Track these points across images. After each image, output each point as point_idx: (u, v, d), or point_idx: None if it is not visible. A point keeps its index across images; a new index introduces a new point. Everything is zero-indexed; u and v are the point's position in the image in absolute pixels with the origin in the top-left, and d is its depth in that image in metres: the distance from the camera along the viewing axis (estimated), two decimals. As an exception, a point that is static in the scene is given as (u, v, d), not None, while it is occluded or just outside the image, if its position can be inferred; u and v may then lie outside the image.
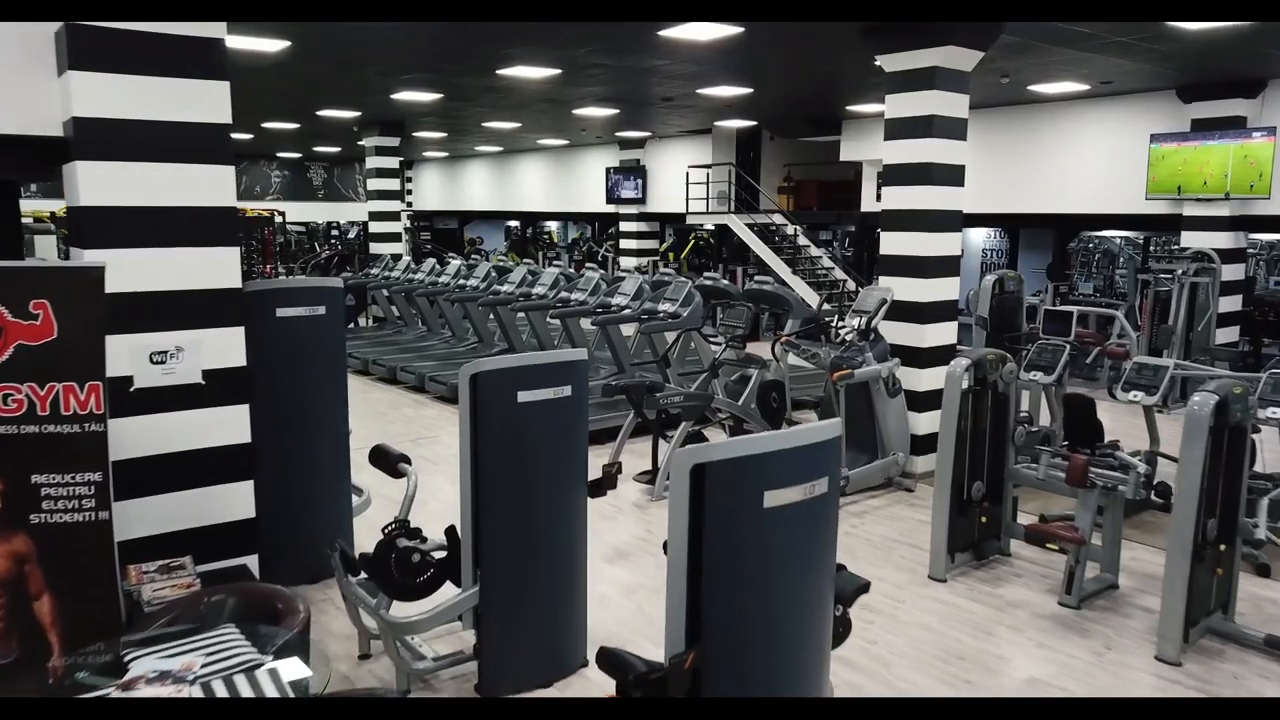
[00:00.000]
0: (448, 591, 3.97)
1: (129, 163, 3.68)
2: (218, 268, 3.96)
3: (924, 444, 7.12)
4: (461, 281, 12.14)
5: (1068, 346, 6.96)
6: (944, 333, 7.22)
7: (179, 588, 3.73)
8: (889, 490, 6.93)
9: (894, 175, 7.20)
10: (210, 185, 3.90)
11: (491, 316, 11.82)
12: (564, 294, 10.21)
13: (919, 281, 7.05)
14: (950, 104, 6.95)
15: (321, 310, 5.17)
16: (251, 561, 4.17)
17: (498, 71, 9.68)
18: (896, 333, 7.05)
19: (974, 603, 4.99)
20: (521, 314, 10.83)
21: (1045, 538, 4.94)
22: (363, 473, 5.03)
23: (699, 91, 11.02)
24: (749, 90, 10.91)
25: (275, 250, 20.14)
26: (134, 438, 3.80)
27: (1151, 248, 19.23)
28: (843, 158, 14.34)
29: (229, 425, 4.06)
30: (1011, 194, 12.25)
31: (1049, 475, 5.20)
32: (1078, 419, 5.62)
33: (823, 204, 16.51)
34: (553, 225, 28.12)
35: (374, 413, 9.61)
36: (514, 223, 26.08)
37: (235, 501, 4.11)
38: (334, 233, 24.28)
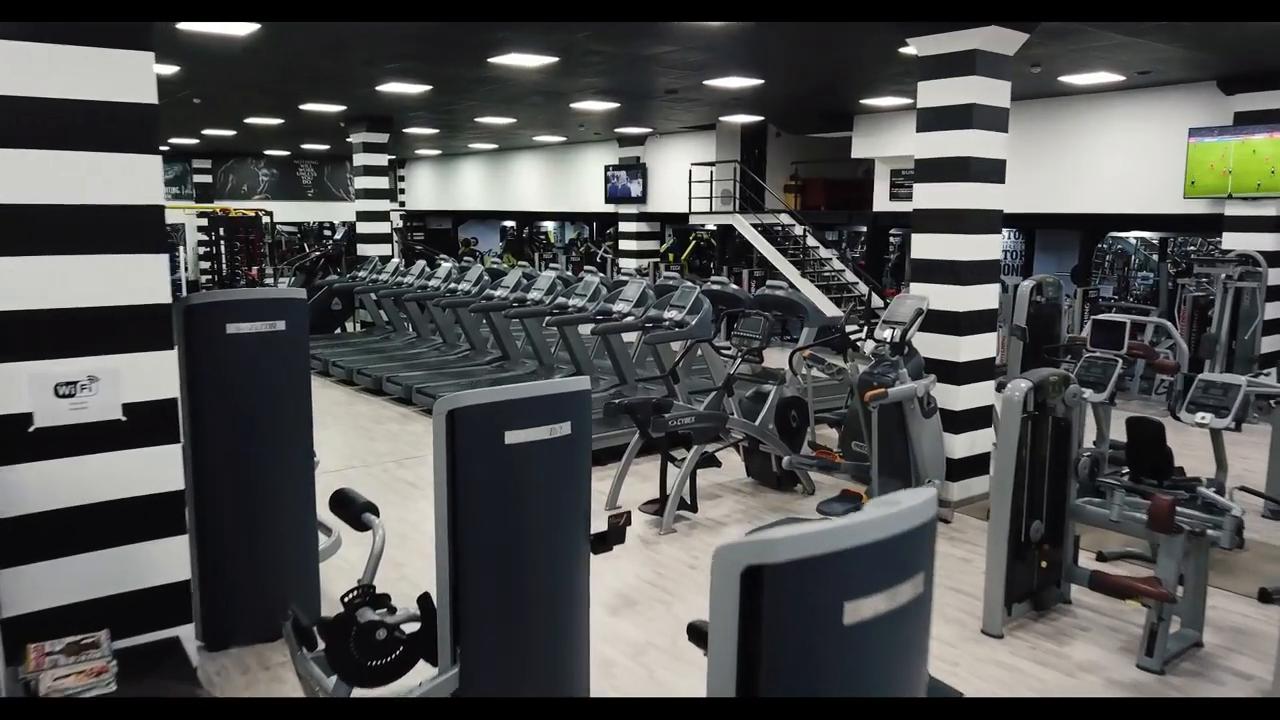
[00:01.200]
0: (422, 672, 3.28)
1: (18, 150, 2.98)
2: (141, 279, 3.26)
3: (961, 468, 6.44)
4: (453, 285, 11.44)
5: (1119, 361, 6.29)
6: (982, 345, 6.53)
7: (88, 674, 3.04)
8: (923, 521, 6.23)
9: (927, 171, 6.51)
10: (129, 178, 3.19)
11: (485, 323, 11.13)
12: (561, 299, 9.52)
13: (955, 289, 6.36)
14: (991, 92, 6.26)
15: (281, 325, 4.47)
16: (186, 632, 3.47)
17: (489, 60, 8.97)
18: (930, 345, 6.36)
19: (1040, 665, 4.30)
20: (516, 320, 10.15)
21: (1123, 592, 4.25)
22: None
23: (705, 83, 10.33)
24: (759, 82, 10.22)
25: (263, 252, 19.45)
26: (35, 488, 3.10)
27: (1169, 249, 18.60)
28: (855, 154, 13.66)
29: (156, 469, 3.35)
30: (1033, 193, 11.57)
31: (1124, 517, 4.50)
32: (1146, 447, 4.92)
33: (831, 203, 15.84)
34: (549, 225, 27.44)
35: (357, 428, 8.90)
36: (509, 223, 25.39)
37: (165, 561, 3.41)
38: (326, 233, 23.58)
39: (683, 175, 15.82)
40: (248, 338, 4.29)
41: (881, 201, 13.73)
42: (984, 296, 6.49)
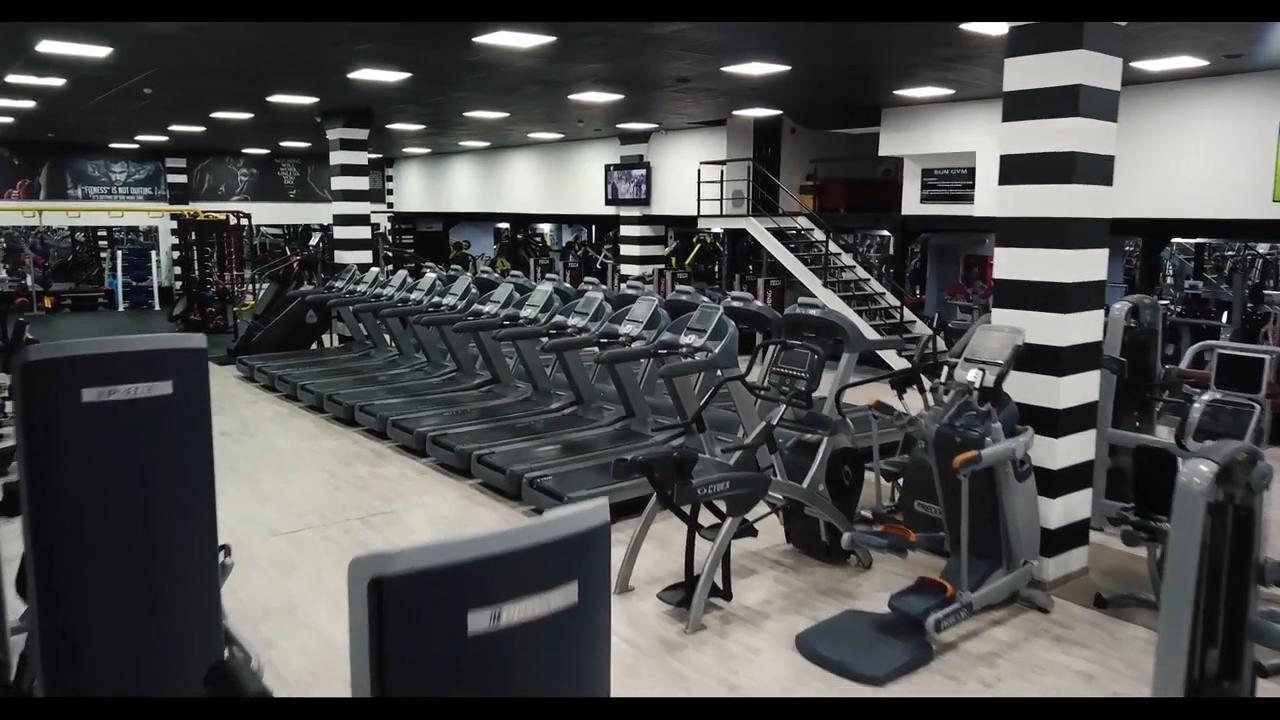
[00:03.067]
0: None
1: None
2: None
3: (1057, 540, 5.18)
4: (437, 299, 10.16)
5: (1258, 407, 5.03)
6: (1085, 387, 5.26)
7: None
8: (1014, 609, 4.96)
9: (1017, 170, 5.23)
10: None
11: (473, 342, 9.86)
12: (559, 318, 8.24)
13: (1053, 317, 5.09)
14: (1101, 70, 4.99)
15: (167, 388, 3.17)
16: None
17: (475, 40, 7.70)
18: (1022, 388, 5.08)
19: None
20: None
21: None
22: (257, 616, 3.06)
23: (724, 70, 9.05)
24: (784, 68, 8.94)
25: (240, 257, 18.14)
26: None
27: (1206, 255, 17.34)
28: (882, 152, 12.40)
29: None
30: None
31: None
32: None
33: (851, 205, 14.55)
34: (546, 228, 26.16)
35: (321, 471, 7.61)
36: (504, 225, 24.10)
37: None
38: (317, 233, 22.24)
39: (689, 175, 14.55)
40: (114, 408, 3.00)
41: (911, 204, 12.46)
42: (1088, 326, 5.21)
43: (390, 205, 24.17)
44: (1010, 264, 5.27)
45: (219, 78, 9.91)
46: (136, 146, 19.23)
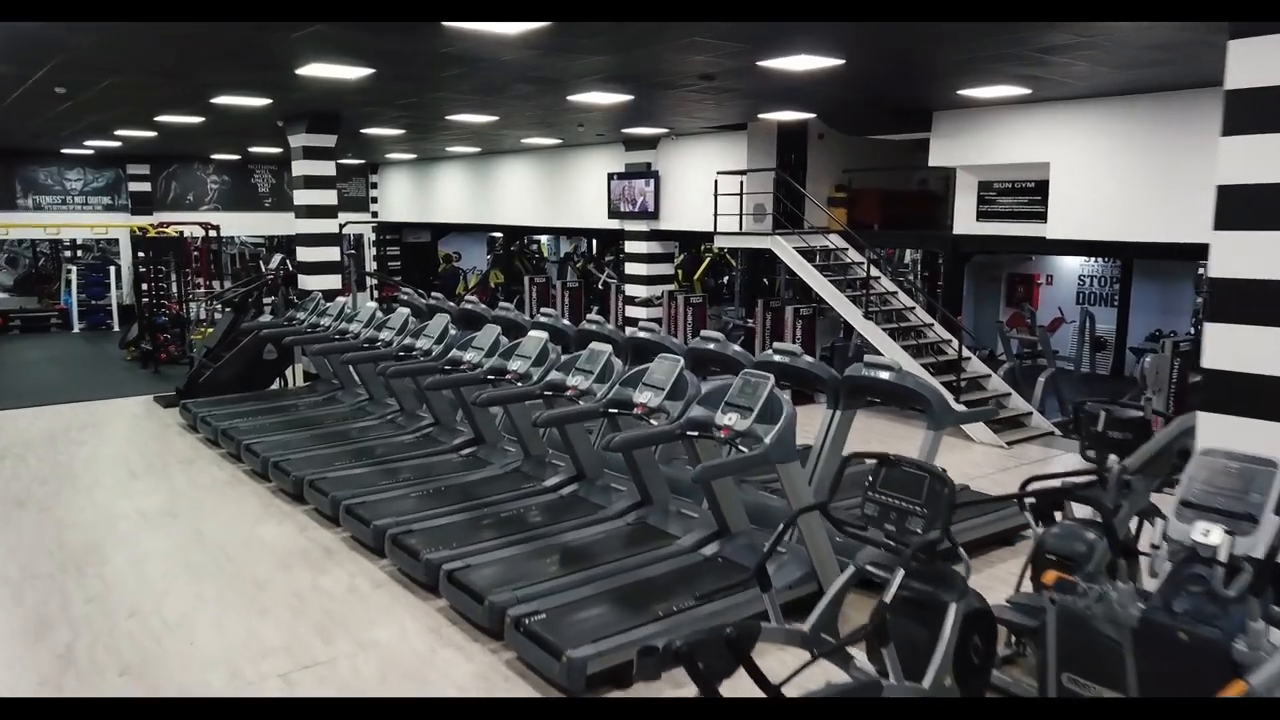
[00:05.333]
0: None
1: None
2: None
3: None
4: (410, 340, 8.42)
5: None
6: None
7: None
8: None
9: (1246, 207, 3.50)
10: None
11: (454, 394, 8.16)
12: (557, 376, 6.51)
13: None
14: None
15: None
16: None
17: (445, 25, 5.97)
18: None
19: None
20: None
21: None
22: None
23: (759, 65, 7.32)
24: (838, 62, 7.21)
25: (212, 273, 16.40)
26: None
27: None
28: (934, 161, 10.68)
29: None
30: (1152, 214, 8.69)
31: None
32: None
33: (886, 220, 12.82)
34: (543, 238, 24.44)
35: (249, 582, 5.86)
36: (497, 234, 22.36)
37: None
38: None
39: (703, 185, 12.84)
40: None
41: (965, 221, 10.74)
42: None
43: (375, 215, 22.42)
44: (1234, 349, 3.53)
45: (150, 77, 8.18)
46: (91, 152, 17.47)
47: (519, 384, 6.84)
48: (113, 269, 18.28)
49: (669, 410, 5.58)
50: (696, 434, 5.33)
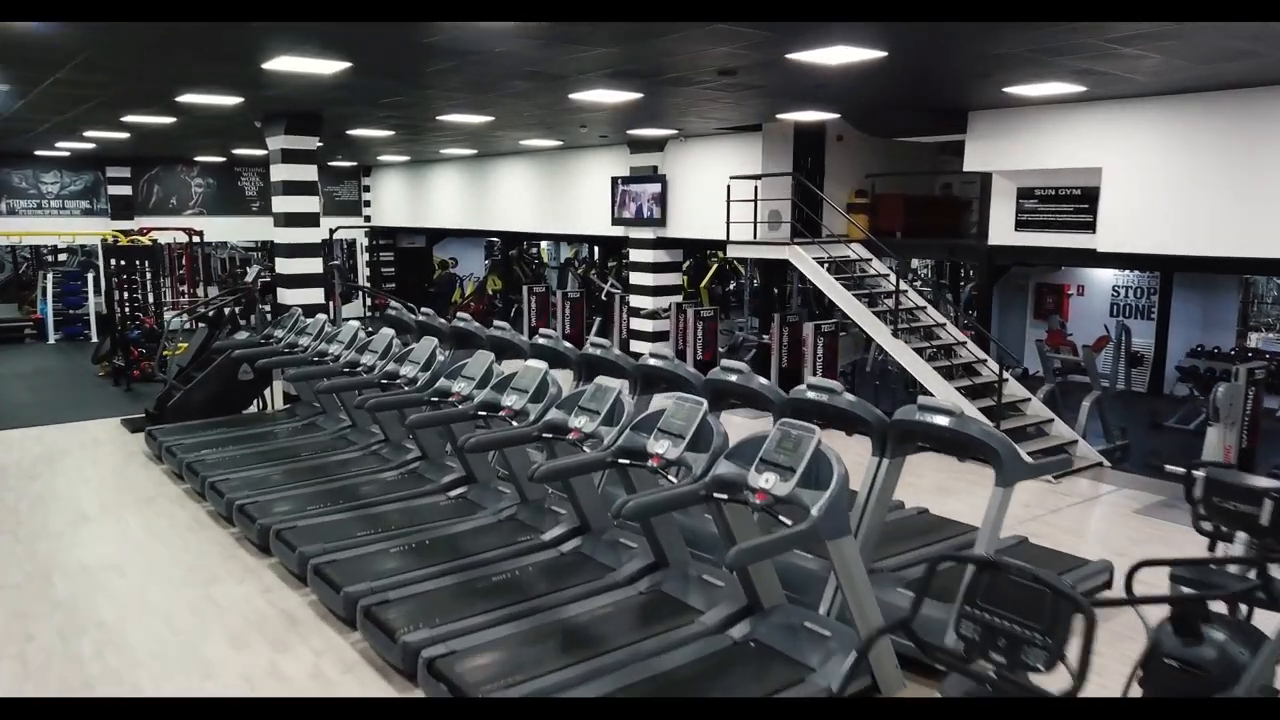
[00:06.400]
0: None
1: None
2: None
3: None
4: (393, 366, 7.55)
5: None
6: None
7: None
8: None
9: None
10: None
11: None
12: (557, 414, 5.64)
13: None
14: None
15: None
16: None
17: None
18: None
19: None
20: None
21: None
22: None
23: (789, 58, 6.44)
24: (879, 54, 6.32)
25: (196, 281, 15.55)
26: None
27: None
28: (969, 166, 9.81)
29: None
30: (1226, 227, 7.81)
31: None
32: None
33: (909, 228, 11.93)
34: (543, 243, 23.59)
35: (186, 664, 4.97)
36: (495, 239, 21.49)
37: None
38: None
39: (713, 191, 11.98)
40: None
41: (1002, 231, 9.85)
42: None
43: (368, 219, 21.55)
44: None
45: (112, 72, 7.30)
46: (67, 154, 16.59)
47: (514, 423, 5.99)
48: (90, 276, 17.37)
49: (690, 464, 4.72)
50: (726, 498, 4.46)
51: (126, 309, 12.86)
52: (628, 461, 5.03)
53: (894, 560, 5.85)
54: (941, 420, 4.98)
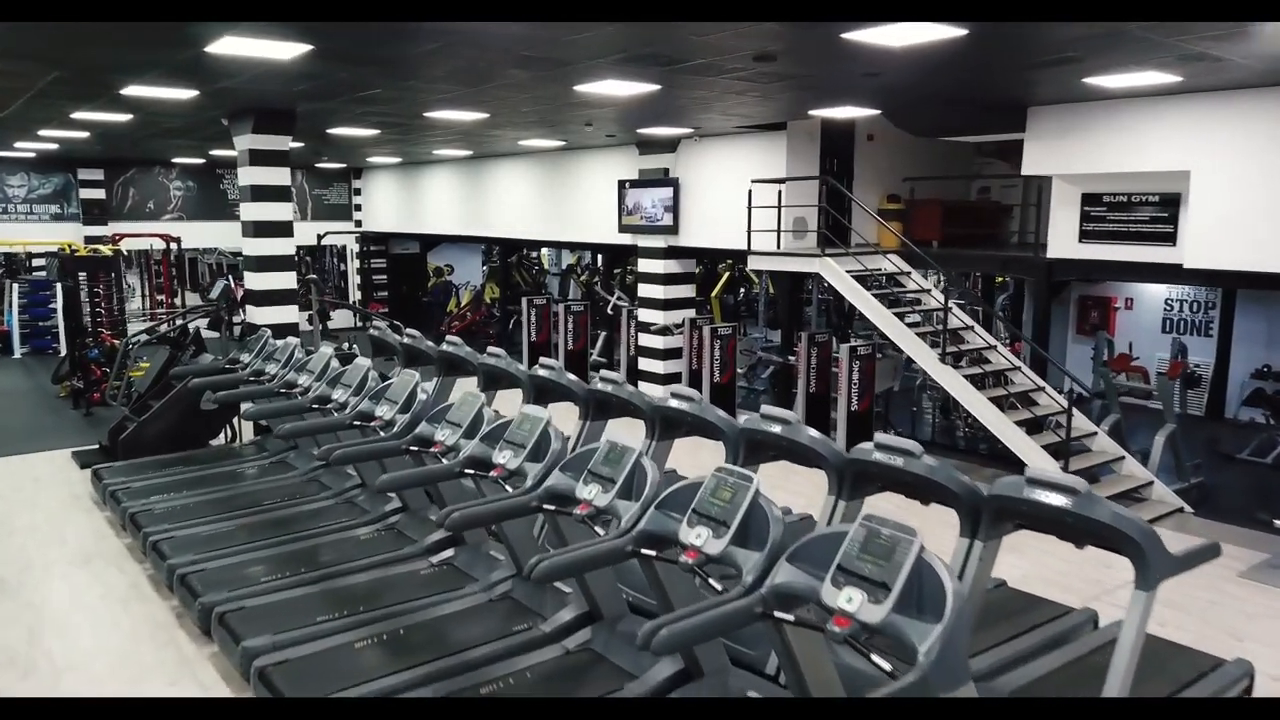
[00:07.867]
0: None
1: None
2: None
3: None
4: (367, 404, 6.41)
5: None
6: None
7: None
8: None
9: None
10: None
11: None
12: (562, 479, 4.51)
13: None
14: None
15: None
16: None
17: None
18: None
19: None
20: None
21: None
22: None
23: (845, 36, 5.29)
24: (959, 32, 5.18)
25: (173, 291, 14.41)
26: None
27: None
28: (1028, 168, 8.66)
29: None
30: None
31: None
32: None
33: (947, 237, 10.78)
34: (544, 249, 22.47)
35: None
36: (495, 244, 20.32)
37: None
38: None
39: (731, 196, 10.86)
40: None
41: (1064, 243, 8.70)
42: None
43: (358, 224, 20.41)
44: None
45: (30, 60, 6.17)
46: (33, 155, 15.46)
47: (508, 486, 4.86)
48: (59, 286, 16.22)
49: (739, 564, 3.58)
50: (791, 619, 3.32)
51: (88, 324, 11.73)
52: (655, 555, 3.89)
53: (979, 660, 4.71)
54: (1058, 500, 3.82)
